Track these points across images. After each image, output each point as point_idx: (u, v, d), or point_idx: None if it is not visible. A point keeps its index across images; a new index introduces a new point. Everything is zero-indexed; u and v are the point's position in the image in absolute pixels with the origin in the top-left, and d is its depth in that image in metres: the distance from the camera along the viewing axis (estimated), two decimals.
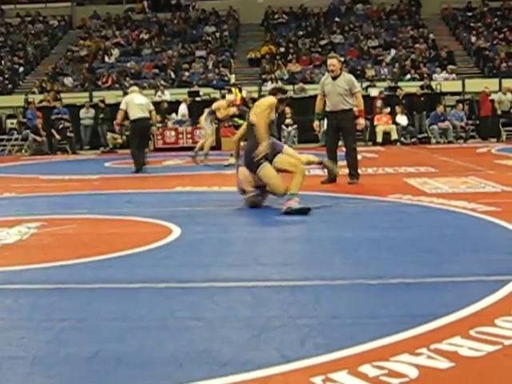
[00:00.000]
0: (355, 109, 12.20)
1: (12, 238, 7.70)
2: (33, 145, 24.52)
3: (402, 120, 23.86)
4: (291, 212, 8.63)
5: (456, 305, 4.53)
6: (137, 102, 15.69)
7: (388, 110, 24.00)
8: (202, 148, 18.06)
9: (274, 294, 5.09)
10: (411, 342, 3.89)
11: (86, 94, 28.40)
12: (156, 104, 26.23)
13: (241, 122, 22.73)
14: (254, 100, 23.01)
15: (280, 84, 10.81)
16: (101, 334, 4.25)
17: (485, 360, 3.65)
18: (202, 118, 18.09)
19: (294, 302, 4.80)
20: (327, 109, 12.23)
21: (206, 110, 17.86)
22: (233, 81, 25.29)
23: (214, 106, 17.76)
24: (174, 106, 26.21)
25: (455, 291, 4.97)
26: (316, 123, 12.78)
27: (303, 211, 8.64)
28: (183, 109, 25.21)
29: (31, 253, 6.98)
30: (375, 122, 23.60)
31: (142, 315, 4.59)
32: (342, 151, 12.64)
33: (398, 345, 3.86)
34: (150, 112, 15.94)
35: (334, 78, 11.96)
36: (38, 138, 24.38)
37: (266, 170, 9.07)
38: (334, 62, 12.05)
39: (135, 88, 17.34)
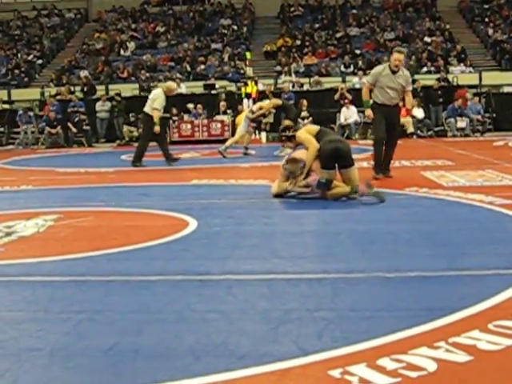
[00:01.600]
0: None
1: (29, 231, 7.73)
2: (49, 138, 24.58)
3: (419, 113, 23.76)
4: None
5: (474, 298, 4.52)
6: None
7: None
8: (247, 142, 18.06)
9: (291, 286, 5.08)
10: (429, 336, 3.88)
11: (102, 87, 28.42)
12: (179, 96, 26.35)
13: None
14: (273, 94, 23.00)
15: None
16: (118, 326, 4.26)
17: (503, 354, 3.64)
18: (242, 117, 17.98)
19: (312, 295, 4.80)
20: (378, 101, 11.78)
21: (247, 110, 17.90)
22: (249, 74, 25.10)
23: (255, 107, 17.74)
24: (189, 97, 26.22)
25: (473, 285, 4.96)
26: (368, 112, 12.09)
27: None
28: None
29: (48, 245, 7.01)
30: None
31: (160, 308, 4.60)
32: (357, 144, 12.59)
33: (416, 338, 3.85)
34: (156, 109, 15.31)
35: (394, 73, 11.62)
36: (53, 131, 24.43)
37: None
38: (401, 57, 11.71)
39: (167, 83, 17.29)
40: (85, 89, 27.41)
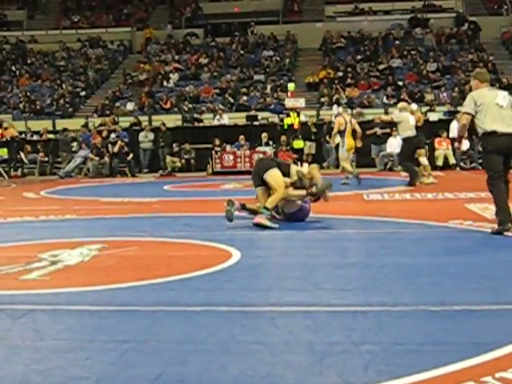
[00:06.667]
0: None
1: (74, 260, 7.81)
2: (93, 167, 24.83)
3: (464, 144, 23.54)
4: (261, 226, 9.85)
5: None
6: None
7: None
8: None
9: (335, 319, 5.07)
10: (476, 370, 3.84)
11: (145, 118, 28.68)
12: (221, 127, 26.55)
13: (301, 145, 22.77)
14: (316, 125, 22.95)
15: None
16: (163, 356, 4.27)
17: None
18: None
19: (356, 328, 4.77)
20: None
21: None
22: (297, 105, 24.89)
23: None
24: (232, 128, 26.38)
25: None
26: None
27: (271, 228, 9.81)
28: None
29: (93, 274, 7.07)
30: (436, 146, 23.37)
31: (204, 338, 4.61)
32: (399, 176, 12.50)
33: (462, 372, 3.82)
34: None
35: None
36: (96, 158, 24.75)
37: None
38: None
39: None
40: (133, 126, 27.67)
